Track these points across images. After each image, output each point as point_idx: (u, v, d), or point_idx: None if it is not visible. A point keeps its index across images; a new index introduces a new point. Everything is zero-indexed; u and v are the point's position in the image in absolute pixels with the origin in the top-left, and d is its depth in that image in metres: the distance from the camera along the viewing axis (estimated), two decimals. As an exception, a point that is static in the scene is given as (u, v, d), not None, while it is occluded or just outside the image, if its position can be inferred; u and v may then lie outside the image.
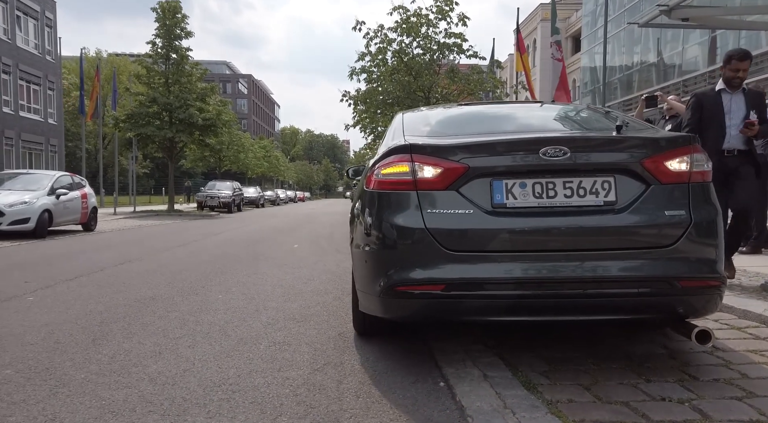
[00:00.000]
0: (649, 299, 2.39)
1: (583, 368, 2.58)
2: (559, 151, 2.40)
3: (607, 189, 2.42)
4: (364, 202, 2.71)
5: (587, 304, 2.39)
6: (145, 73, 23.76)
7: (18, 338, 3.29)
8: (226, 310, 4.06)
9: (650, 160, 2.44)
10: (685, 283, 2.37)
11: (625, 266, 2.34)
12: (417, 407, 2.22)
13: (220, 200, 25.93)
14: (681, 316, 2.51)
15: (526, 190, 2.42)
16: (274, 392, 2.38)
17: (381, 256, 2.50)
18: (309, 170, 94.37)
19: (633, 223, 2.38)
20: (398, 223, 2.44)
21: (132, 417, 2.13)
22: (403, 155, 2.51)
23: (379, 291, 2.46)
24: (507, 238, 2.37)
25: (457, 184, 2.42)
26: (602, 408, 2.12)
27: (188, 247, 8.98)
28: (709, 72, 17.82)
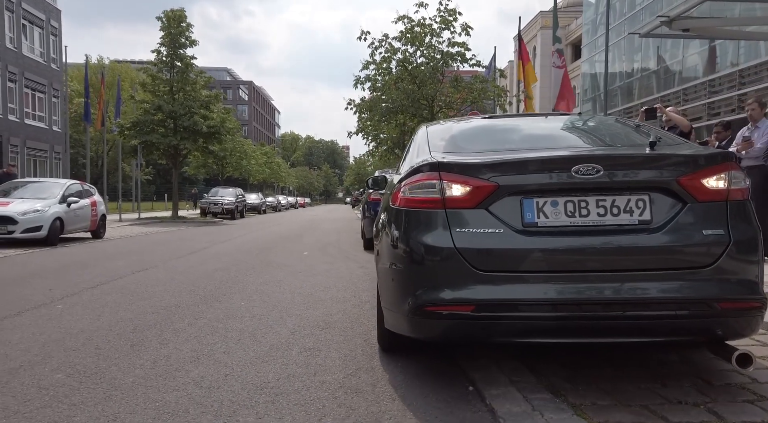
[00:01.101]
0: (687, 321, 2.34)
1: (603, 374, 2.74)
2: (592, 169, 2.34)
3: (641, 207, 2.36)
4: (390, 219, 2.71)
5: (622, 326, 2.34)
6: (151, 81, 23.98)
7: (59, 344, 3.45)
8: (251, 317, 4.22)
9: (687, 178, 2.38)
10: (725, 304, 2.31)
11: (662, 287, 2.29)
12: (450, 409, 2.38)
13: (223, 207, 26.10)
14: (720, 339, 2.45)
15: (558, 209, 2.37)
16: (314, 395, 2.54)
17: (409, 275, 2.48)
18: (309, 176, 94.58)
19: (669, 243, 2.32)
20: (427, 241, 2.40)
21: (187, 417, 2.29)
22: (430, 173, 2.48)
23: (407, 310, 2.44)
24: (538, 258, 2.32)
25: (486, 202, 2.39)
26: (623, 410, 2.28)
27: (199, 254, 9.13)
28: (709, 81, 18.04)
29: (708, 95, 18.01)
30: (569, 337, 2.46)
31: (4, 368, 2.95)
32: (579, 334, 2.42)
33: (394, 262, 2.59)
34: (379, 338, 3.26)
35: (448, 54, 16.22)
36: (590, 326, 2.35)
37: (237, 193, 28.32)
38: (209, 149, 25.37)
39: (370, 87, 17.15)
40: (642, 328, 2.37)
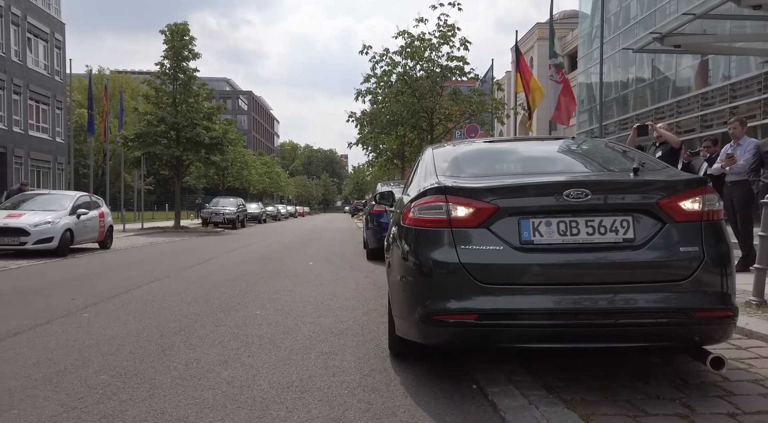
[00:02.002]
0: (667, 328, 2.60)
1: (592, 374, 3.06)
2: (581, 193, 2.62)
3: (625, 227, 2.63)
4: (401, 236, 2.99)
5: (609, 332, 2.60)
6: (154, 93, 24.39)
7: (95, 349, 3.75)
8: (268, 324, 4.53)
9: (666, 201, 2.66)
10: (700, 313, 2.58)
11: (644, 298, 2.56)
12: (457, 404, 2.69)
13: (225, 217, 26.42)
14: (696, 344, 2.71)
15: (552, 228, 2.64)
16: (335, 392, 2.86)
17: (418, 287, 2.75)
18: (308, 185, 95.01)
19: (650, 259, 2.59)
20: (435, 257, 2.68)
21: (226, 411, 2.60)
22: (438, 196, 2.77)
23: (417, 319, 2.71)
24: (534, 271, 2.60)
25: (487, 222, 2.66)
26: (609, 404, 2.60)
27: (208, 264, 9.44)
28: (701, 94, 18.48)
29: (701, 108, 18.45)
30: (563, 343, 2.71)
31: (52, 371, 3.26)
32: (571, 340, 2.68)
33: (404, 274, 2.87)
34: (391, 345, 3.53)
35: (447, 68, 16.64)
36: (581, 333, 2.62)
37: (238, 202, 28.65)
38: (211, 160, 25.72)
39: (371, 99, 17.56)
40: (626, 335, 2.63)
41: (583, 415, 2.46)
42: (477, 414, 2.56)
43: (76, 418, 2.52)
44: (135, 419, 2.52)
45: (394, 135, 18.18)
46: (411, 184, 3.78)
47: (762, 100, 15.32)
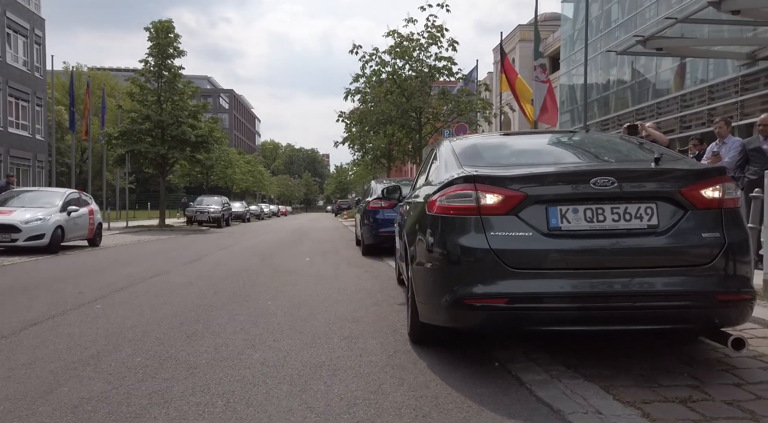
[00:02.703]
0: (690, 311, 2.71)
1: (605, 354, 3.27)
2: (607, 181, 2.72)
3: (650, 214, 2.74)
4: (426, 225, 3.08)
5: (634, 315, 2.72)
6: (139, 91, 24.17)
7: (120, 336, 3.85)
8: (284, 314, 4.66)
9: (687, 189, 2.77)
10: (722, 296, 2.69)
11: (668, 282, 2.67)
12: (483, 379, 2.87)
13: (210, 215, 26.28)
14: (717, 326, 2.83)
15: (579, 215, 2.74)
16: (367, 370, 3.02)
17: (448, 273, 2.85)
18: (290, 184, 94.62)
19: (674, 244, 2.71)
20: (464, 243, 2.78)
21: (268, 385, 2.75)
22: (466, 184, 2.86)
23: (446, 304, 2.80)
24: (562, 257, 2.70)
25: (516, 209, 2.76)
26: (624, 377, 2.81)
27: (205, 261, 9.49)
28: (680, 95, 19.04)
29: (680, 109, 19.00)
30: (590, 325, 2.81)
31: (86, 354, 3.36)
32: (598, 323, 2.77)
33: (432, 261, 2.97)
34: (411, 332, 3.59)
35: (435, 68, 16.87)
36: (607, 316, 2.72)
37: (223, 201, 28.52)
38: (197, 158, 25.57)
39: (360, 99, 17.70)
40: (651, 317, 2.74)
41: (603, 386, 2.67)
42: (504, 387, 2.75)
43: (126, 394, 2.64)
44: (183, 394, 2.64)
45: (382, 134, 18.35)
46: (428, 177, 3.90)
47: (739, 102, 15.88)
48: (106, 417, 2.37)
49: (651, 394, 2.55)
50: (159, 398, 2.59)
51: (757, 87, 15.28)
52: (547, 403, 2.49)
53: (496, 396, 2.61)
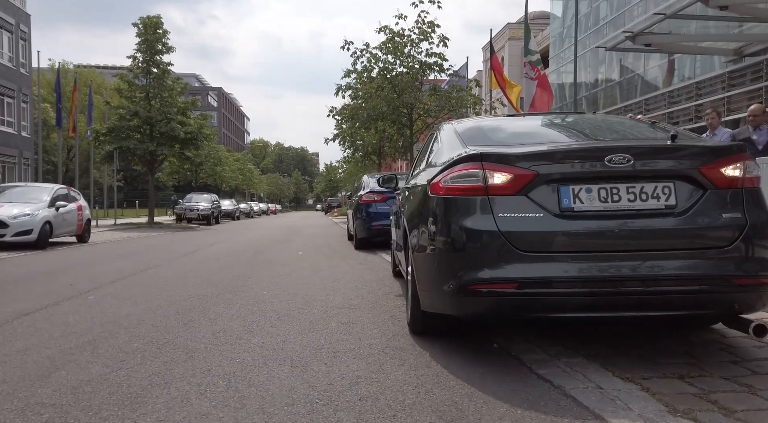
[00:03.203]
0: (709, 296, 2.56)
1: (601, 337, 3.30)
2: (623, 158, 2.56)
3: (667, 194, 2.58)
4: (429, 208, 2.89)
5: (652, 301, 2.56)
6: (127, 87, 23.96)
7: (116, 324, 3.81)
8: (280, 302, 4.64)
9: (707, 167, 2.61)
10: (742, 280, 2.54)
11: (687, 265, 2.51)
12: (484, 359, 2.89)
13: (199, 213, 26.11)
14: (735, 312, 2.67)
15: (592, 195, 2.58)
16: (367, 352, 3.02)
17: (453, 257, 2.67)
18: (280, 183, 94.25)
19: (693, 225, 2.55)
20: (471, 226, 2.60)
21: (270, 367, 2.74)
22: (473, 163, 2.68)
23: (452, 290, 2.63)
24: (576, 239, 2.55)
25: (526, 189, 2.59)
26: (622, 357, 2.83)
27: (196, 255, 9.42)
28: (668, 92, 19.23)
29: (667, 105, 19.19)
30: (604, 312, 2.63)
31: (82, 341, 3.32)
32: (612, 309, 2.61)
33: (435, 245, 2.78)
34: (411, 322, 3.41)
35: (426, 64, 16.88)
36: (622, 301, 2.56)
37: (212, 199, 28.33)
38: (186, 155, 25.39)
39: (351, 95, 17.66)
40: (668, 303, 2.58)
41: (602, 364, 2.69)
42: (505, 366, 2.76)
43: (126, 376, 2.62)
44: (184, 375, 2.63)
45: (373, 130, 18.32)
46: (429, 160, 3.70)
47: (726, 98, 16.06)
48: (107, 397, 2.35)
49: (650, 371, 2.58)
50: (159, 379, 2.57)
51: (744, 83, 15.47)
52: (547, 379, 2.51)
53: (497, 374, 2.63)
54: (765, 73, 14.47)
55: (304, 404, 2.26)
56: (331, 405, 2.25)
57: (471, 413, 2.16)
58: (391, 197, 9.00)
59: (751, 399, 2.21)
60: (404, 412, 2.18)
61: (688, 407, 2.12)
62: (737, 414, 2.06)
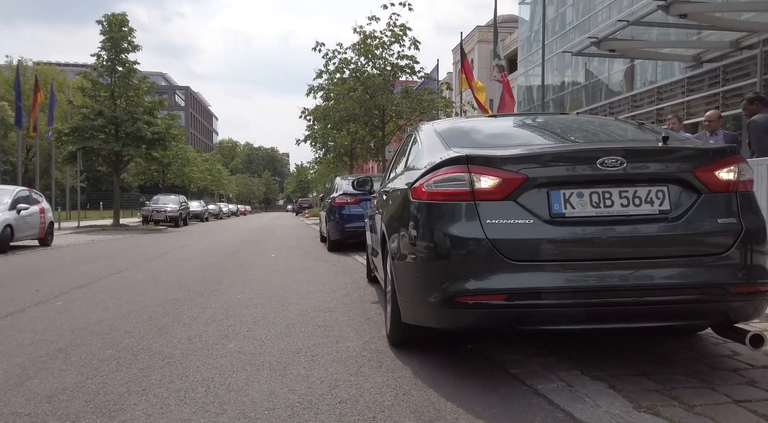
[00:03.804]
0: (705, 305, 2.46)
1: (573, 339, 3.42)
2: (616, 161, 2.43)
3: (661, 198, 2.46)
4: (410, 214, 2.72)
5: (645, 311, 2.44)
6: (91, 85, 23.34)
7: (87, 330, 3.75)
8: (255, 305, 4.64)
9: (701, 170, 2.50)
10: (739, 288, 2.43)
11: (682, 273, 2.40)
12: (461, 360, 2.97)
13: (167, 214, 25.62)
14: (730, 322, 2.56)
15: (584, 200, 2.45)
16: (345, 355, 3.06)
17: (437, 267, 2.50)
18: (249, 184, 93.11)
19: (687, 231, 2.43)
20: (456, 233, 2.45)
21: (249, 372, 2.75)
22: (459, 166, 2.52)
23: (436, 302, 2.47)
24: (568, 247, 2.42)
25: (515, 194, 2.45)
26: (592, 358, 2.95)
27: (166, 258, 9.28)
28: (631, 96, 19.84)
29: (630, 109, 19.79)
30: (598, 324, 2.51)
31: (53, 348, 3.27)
32: (608, 321, 2.48)
33: (418, 254, 2.61)
34: (391, 335, 3.22)
35: (397, 66, 17.00)
36: (617, 312, 2.43)
37: (180, 200, 27.83)
38: (153, 156, 24.88)
39: (323, 96, 17.64)
40: (665, 313, 2.47)
41: (572, 363, 2.80)
42: (480, 366, 2.85)
43: (102, 384, 2.60)
44: (161, 382, 2.62)
45: (345, 132, 18.34)
46: (408, 163, 3.50)
47: (685, 103, 16.68)
48: (84, 405, 2.33)
49: (616, 369, 2.68)
50: (136, 387, 2.56)
51: (702, 88, 16.09)
52: (520, 379, 2.60)
53: (472, 375, 2.71)
54: (722, 79, 15.09)
55: (285, 408, 2.29)
56: (311, 408, 2.29)
57: (448, 413, 2.23)
58: (364, 199, 9.05)
59: (709, 394, 2.34)
60: (384, 414, 2.23)
61: (651, 403, 2.24)
62: (696, 408, 2.19)
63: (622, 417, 2.12)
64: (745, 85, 14.10)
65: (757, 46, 13.52)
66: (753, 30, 13.46)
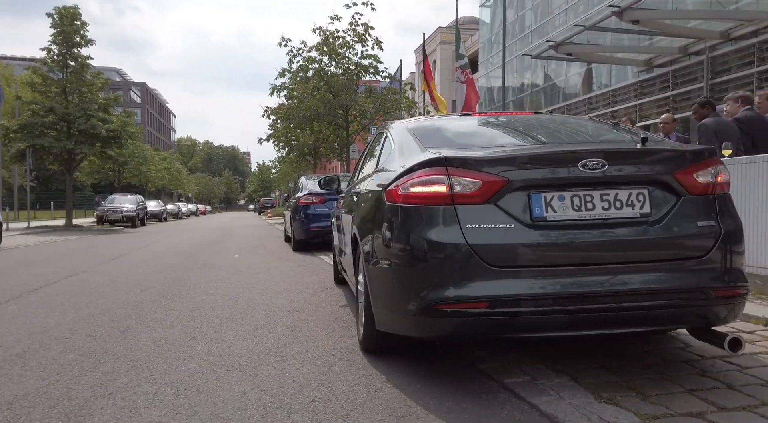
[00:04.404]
0: (687, 310, 2.43)
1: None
2: (597, 163, 2.38)
3: (642, 201, 2.43)
4: (385, 217, 2.62)
5: (631, 316, 2.40)
6: (41, 81, 22.38)
7: (46, 335, 3.63)
8: (221, 307, 4.59)
9: (681, 173, 2.47)
10: (720, 292, 2.41)
11: (663, 278, 2.37)
12: (429, 356, 3.02)
13: (123, 214, 24.84)
14: (709, 325, 2.53)
15: (565, 203, 2.40)
16: (315, 354, 3.08)
17: (414, 274, 2.41)
18: (209, 183, 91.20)
19: (668, 235, 2.40)
20: (435, 238, 2.36)
21: (218, 373, 2.73)
22: (437, 168, 2.43)
23: (414, 310, 2.38)
24: (550, 251, 2.35)
25: (495, 197, 2.38)
26: (555, 352, 3.06)
27: (124, 260, 9.02)
28: (587, 98, 20.49)
29: (587, 111, 20.44)
30: (581, 330, 2.46)
31: (10, 354, 3.15)
32: (590, 327, 2.43)
33: (394, 260, 2.51)
34: (364, 342, 3.09)
35: (361, 65, 17.03)
36: (601, 318, 2.38)
37: (137, 199, 27.04)
38: (108, 154, 24.08)
39: (286, 94, 17.49)
40: (646, 318, 2.43)
41: (536, 358, 2.90)
42: (449, 363, 2.92)
43: (65, 388, 2.53)
44: (128, 385, 2.57)
45: (309, 131, 18.24)
46: (379, 164, 3.38)
47: (638, 106, 17.35)
48: (47, 411, 2.27)
49: (578, 363, 2.80)
50: (102, 390, 2.51)
51: (653, 92, 16.78)
52: (488, 374, 2.68)
53: (441, 371, 2.77)
54: (671, 83, 15.79)
55: (257, 408, 2.29)
56: (284, 408, 2.30)
57: (420, 409, 2.28)
58: (330, 199, 9.04)
59: (663, 384, 2.47)
60: (356, 411, 2.27)
61: (611, 394, 2.35)
62: (652, 398, 2.31)
63: (584, 408, 2.22)
64: (693, 88, 14.81)
65: (703, 52, 14.21)
66: (700, 37, 14.15)
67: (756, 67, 12.77)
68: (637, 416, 2.11)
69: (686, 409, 2.18)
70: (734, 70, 13.54)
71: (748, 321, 3.58)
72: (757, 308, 3.79)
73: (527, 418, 2.18)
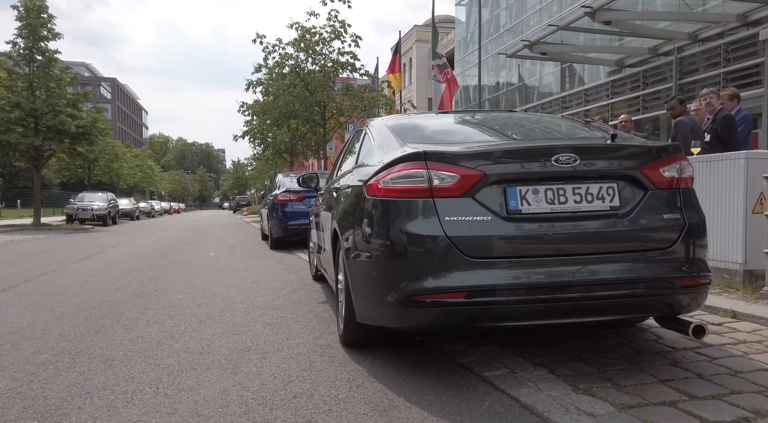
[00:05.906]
0: (653, 299, 2.55)
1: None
2: (570, 158, 2.49)
3: (611, 194, 2.55)
4: (365, 211, 2.69)
5: (601, 305, 2.49)
6: (6, 75, 21.69)
7: (17, 335, 3.54)
8: (198, 305, 4.53)
9: (648, 167, 2.59)
10: (684, 281, 2.54)
11: (631, 268, 2.48)
12: (411, 352, 3.05)
13: (93, 213, 24.28)
14: (675, 313, 2.65)
15: (539, 197, 2.50)
16: (296, 351, 3.07)
17: (394, 265, 2.49)
18: (183, 181, 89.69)
19: (636, 227, 2.52)
20: (414, 230, 2.44)
21: (198, 371, 2.71)
22: (417, 162, 2.52)
23: (394, 301, 2.45)
24: (525, 243, 2.44)
25: (472, 191, 2.47)
26: (533, 345, 3.12)
27: (97, 259, 8.83)
28: (561, 97, 20.81)
29: (561, 110, 20.77)
30: (554, 319, 2.57)
31: (-19, 355, 3.06)
32: (562, 315, 2.53)
33: (374, 253, 2.58)
34: (344, 336, 3.14)
35: (338, 62, 16.96)
36: (574, 307, 2.48)
37: (109, 197, 26.46)
38: (78, 151, 23.49)
39: (262, 91, 17.31)
40: (614, 307, 2.53)
41: (515, 351, 2.95)
42: (430, 357, 2.95)
43: (40, 389, 2.48)
44: (105, 384, 2.53)
45: (285, 128, 18.09)
46: (359, 160, 3.44)
47: (610, 105, 17.71)
48: (22, 411, 2.22)
49: (555, 355, 2.86)
50: (79, 390, 2.47)
51: (624, 91, 17.15)
52: (468, 367, 2.72)
53: (422, 365, 2.80)
54: (642, 83, 16.15)
55: (239, 405, 2.28)
56: (266, 404, 2.29)
57: (402, 402, 2.31)
58: (308, 196, 9.00)
59: (637, 375, 2.55)
60: (339, 405, 2.28)
61: (587, 385, 2.42)
62: (627, 388, 2.38)
63: (562, 399, 2.27)
64: (663, 88, 15.19)
65: (672, 53, 14.58)
66: (668, 38, 14.51)
67: (722, 67, 13.17)
68: (613, 406, 2.17)
69: (660, 399, 2.25)
70: (702, 71, 13.93)
71: (716, 313, 3.70)
72: (725, 301, 3.92)
73: (507, 409, 2.22)
